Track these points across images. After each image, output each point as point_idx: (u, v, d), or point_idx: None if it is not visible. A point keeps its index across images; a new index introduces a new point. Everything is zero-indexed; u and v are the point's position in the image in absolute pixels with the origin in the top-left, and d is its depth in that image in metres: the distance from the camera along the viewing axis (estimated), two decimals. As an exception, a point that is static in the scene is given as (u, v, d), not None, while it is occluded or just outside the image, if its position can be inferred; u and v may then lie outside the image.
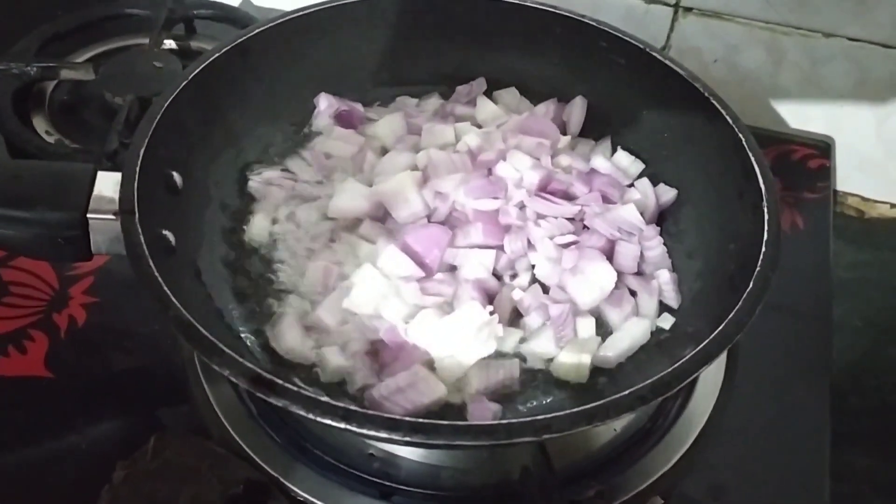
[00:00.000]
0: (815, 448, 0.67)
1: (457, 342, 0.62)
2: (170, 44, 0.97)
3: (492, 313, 0.63)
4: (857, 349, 0.86)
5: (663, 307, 0.69)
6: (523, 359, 0.65)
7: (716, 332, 0.55)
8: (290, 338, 0.64)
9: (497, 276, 0.69)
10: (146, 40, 0.95)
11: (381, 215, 0.73)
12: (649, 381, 0.52)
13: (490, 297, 0.67)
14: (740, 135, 0.68)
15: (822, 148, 0.93)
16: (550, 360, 0.65)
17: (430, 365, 0.63)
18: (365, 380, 0.62)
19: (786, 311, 0.76)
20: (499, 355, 0.65)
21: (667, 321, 0.68)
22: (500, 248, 0.70)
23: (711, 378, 0.69)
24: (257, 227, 0.72)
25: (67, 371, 0.68)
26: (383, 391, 0.59)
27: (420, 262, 0.67)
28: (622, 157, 0.78)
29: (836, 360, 0.76)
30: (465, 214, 0.71)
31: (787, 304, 0.71)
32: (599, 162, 0.76)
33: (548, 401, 0.63)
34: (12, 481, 0.62)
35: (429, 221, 0.71)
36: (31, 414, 0.66)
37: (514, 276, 0.70)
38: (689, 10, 0.91)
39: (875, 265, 0.93)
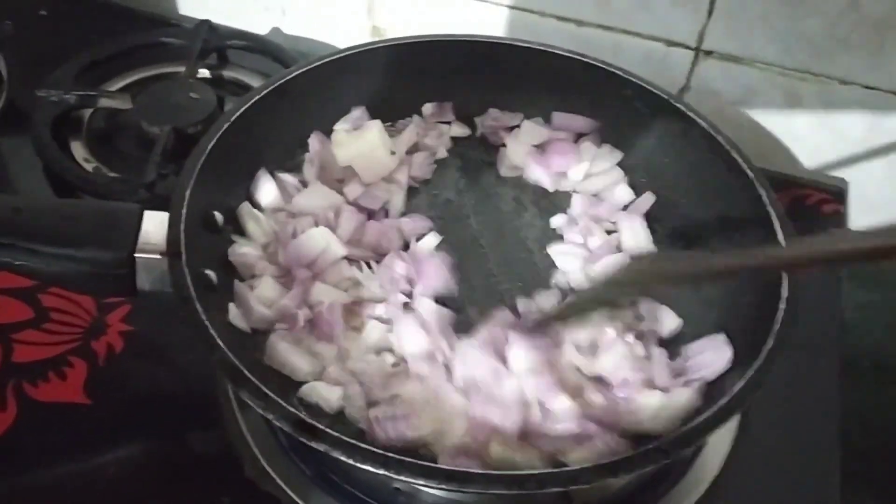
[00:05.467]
0: (825, 491, 0.69)
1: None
2: (203, 73, 0.99)
3: None
4: (864, 390, 0.87)
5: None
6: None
7: (736, 387, 0.57)
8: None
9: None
10: (180, 68, 0.97)
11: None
12: (672, 435, 0.55)
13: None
14: (760, 189, 0.70)
15: (836, 192, 0.94)
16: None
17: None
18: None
19: (797, 352, 0.78)
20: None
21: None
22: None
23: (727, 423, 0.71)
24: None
25: (105, 398, 0.71)
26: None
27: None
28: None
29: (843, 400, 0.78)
30: None
31: (799, 345, 0.73)
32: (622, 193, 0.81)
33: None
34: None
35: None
36: (69, 440, 0.68)
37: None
38: (709, 53, 0.93)
39: (884, 306, 0.95)
